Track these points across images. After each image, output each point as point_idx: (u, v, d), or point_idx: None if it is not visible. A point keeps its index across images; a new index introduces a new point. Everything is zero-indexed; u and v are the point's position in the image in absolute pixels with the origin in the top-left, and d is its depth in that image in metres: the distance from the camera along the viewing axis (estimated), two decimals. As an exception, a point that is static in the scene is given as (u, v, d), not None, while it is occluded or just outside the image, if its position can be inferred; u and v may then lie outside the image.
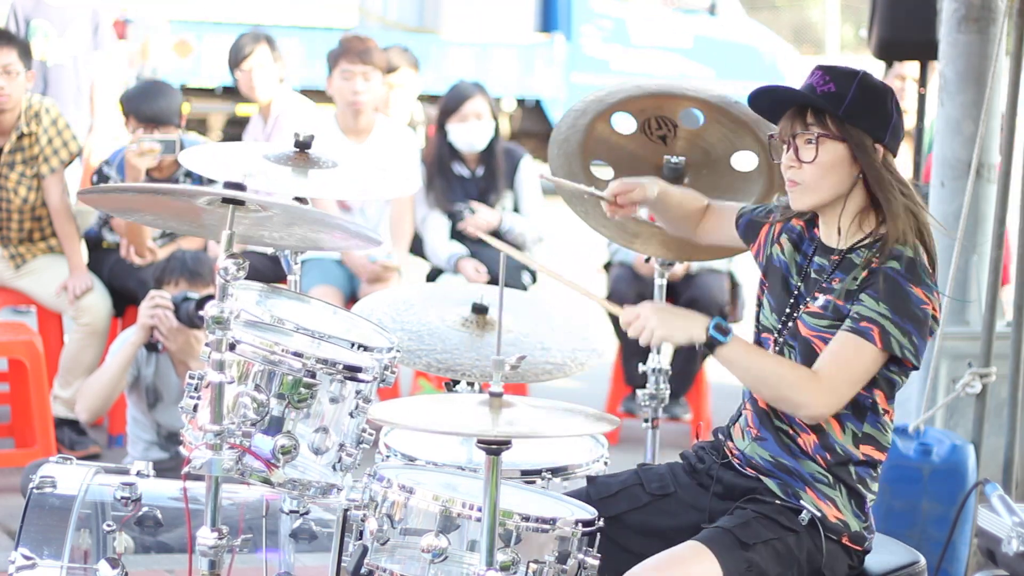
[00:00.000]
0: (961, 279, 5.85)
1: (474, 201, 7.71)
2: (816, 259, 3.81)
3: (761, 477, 3.77)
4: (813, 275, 3.80)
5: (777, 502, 3.74)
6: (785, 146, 3.78)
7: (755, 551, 3.64)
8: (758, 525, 3.68)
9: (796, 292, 3.81)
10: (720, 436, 3.89)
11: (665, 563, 3.61)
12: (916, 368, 3.70)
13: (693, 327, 3.68)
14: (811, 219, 3.88)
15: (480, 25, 16.68)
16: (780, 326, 3.80)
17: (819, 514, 3.71)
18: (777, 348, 3.78)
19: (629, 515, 3.82)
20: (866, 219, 3.76)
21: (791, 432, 3.75)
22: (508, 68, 16.86)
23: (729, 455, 3.84)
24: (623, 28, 17.56)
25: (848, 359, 3.64)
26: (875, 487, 3.79)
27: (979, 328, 5.71)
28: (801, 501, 3.73)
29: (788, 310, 3.80)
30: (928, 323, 3.66)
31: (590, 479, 4.00)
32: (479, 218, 7.64)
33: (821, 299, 3.72)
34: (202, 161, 4.12)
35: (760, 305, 3.90)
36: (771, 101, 3.84)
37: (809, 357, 3.72)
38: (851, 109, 3.70)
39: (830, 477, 3.72)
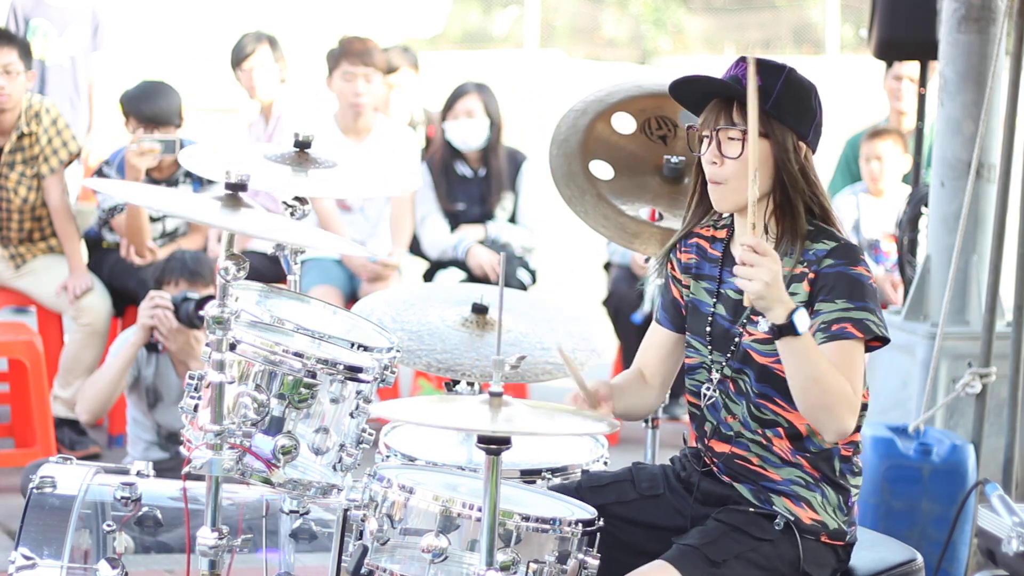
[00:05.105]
0: (961, 279, 5.84)
1: (473, 204, 7.75)
2: (729, 278, 3.68)
3: (735, 484, 3.73)
4: (731, 294, 3.69)
5: (751, 510, 3.69)
6: (707, 140, 3.63)
7: (726, 567, 3.57)
8: (729, 540, 3.62)
9: (710, 315, 3.72)
10: (701, 445, 3.84)
11: None
12: (888, 341, 3.59)
13: (779, 307, 3.39)
14: (696, 243, 3.79)
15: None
16: (721, 357, 3.70)
17: (792, 518, 3.66)
18: (723, 377, 3.70)
19: (614, 506, 3.76)
20: (777, 221, 3.66)
21: (763, 442, 3.70)
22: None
23: (709, 463, 3.79)
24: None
25: (846, 369, 3.53)
26: (856, 480, 3.74)
27: (979, 328, 5.71)
28: (774, 507, 3.68)
29: (723, 339, 3.70)
30: (877, 293, 3.61)
31: (584, 471, 4.01)
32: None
33: (763, 323, 3.50)
34: (201, 161, 4.11)
35: (688, 347, 3.78)
36: (692, 91, 3.65)
37: (770, 381, 3.64)
38: (778, 104, 3.57)
39: (809, 478, 3.67)
